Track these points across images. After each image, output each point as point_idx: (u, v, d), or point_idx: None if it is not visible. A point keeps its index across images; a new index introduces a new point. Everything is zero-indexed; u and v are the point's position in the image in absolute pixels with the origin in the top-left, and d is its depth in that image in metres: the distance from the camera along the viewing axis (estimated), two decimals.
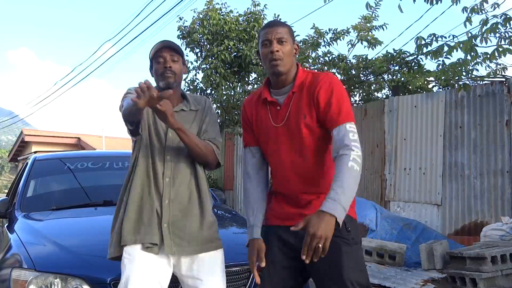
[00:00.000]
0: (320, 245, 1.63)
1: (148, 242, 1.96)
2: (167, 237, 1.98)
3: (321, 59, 8.36)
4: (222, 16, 10.46)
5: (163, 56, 2.07)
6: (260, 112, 2.01)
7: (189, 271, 2.02)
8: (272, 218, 2.00)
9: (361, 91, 9.47)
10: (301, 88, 1.93)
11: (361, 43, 8.40)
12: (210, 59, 10.25)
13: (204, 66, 10.46)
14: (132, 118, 1.95)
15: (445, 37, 5.33)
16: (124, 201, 2.06)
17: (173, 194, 2.04)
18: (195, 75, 10.92)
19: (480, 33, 4.64)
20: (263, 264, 1.89)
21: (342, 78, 8.14)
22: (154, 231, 1.98)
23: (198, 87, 10.69)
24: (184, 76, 10.96)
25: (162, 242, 1.98)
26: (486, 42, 4.71)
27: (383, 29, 8.31)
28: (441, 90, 7.35)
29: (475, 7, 4.77)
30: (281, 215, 1.96)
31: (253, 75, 10.55)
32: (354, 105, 8.37)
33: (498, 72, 6.41)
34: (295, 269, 1.92)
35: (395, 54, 7.71)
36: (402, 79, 7.87)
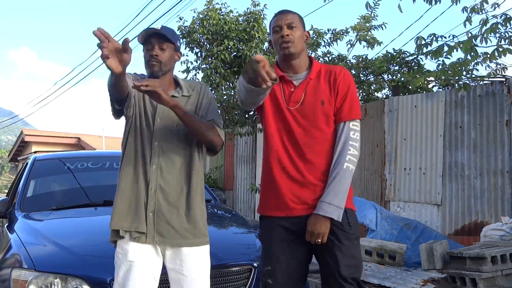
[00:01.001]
0: (319, 240, 1.89)
1: (135, 231, 1.95)
2: (151, 226, 1.96)
3: (321, 59, 8.36)
4: (222, 16, 10.46)
5: (151, 42, 2.02)
6: (273, 88, 2.00)
7: (172, 263, 2.00)
8: (273, 210, 2.00)
9: (361, 91, 9.47)
10: (318, 76, 1.99)
11: (360, 43, 8.41)
12: (210, 59, 10.24)
13: (204, 66, 10.46)
14: (115, 91, 1.88)
15: (445, 37, 5.33)
16: (117, 188, 2.05)
17: (160, 182, 1.99)
18: (195, 75, 10.93)
19: (480, 33, 4.64)
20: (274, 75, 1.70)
21: None
22: (141, 220, 1.96)
23: None
24: (184, 75, 10.94)
25: None
26: (486, 42, 4.71)
27: (382, 29, 8.31)
28: (441, 90, 7.35)
29: (475, 7, 4.77)
30: (282, 206, 1.97)
31: None
32: None
33: (498, 72, 6.40)
34: (302, 256, 1.99)
35: (395, 54, 7.70)
36: (402, 79, 7.87)
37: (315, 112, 1.94)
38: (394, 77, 8.45)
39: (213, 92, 10.36)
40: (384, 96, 9.52)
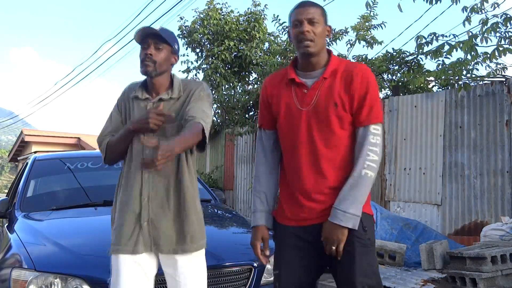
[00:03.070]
0: (333, 248, 1.77)
1: (129, 253, 1.95)
2: (146, 235, 1.95)
3: None
4: (222, 16, 10.47)
5: (147, 42, 1.99)
6: (283, 93, 1.92)
7: (167, 268, 2.01)
8: (286, 219, 1.92)
9: None
10: (333, 75, 1.86)
11: (359, 43, 8.40)
12: (210, 59, 10.25)
13: (205, 66, 10.47)
14: (119, 147, 2.00)
15: (446, 36, 5.33)
16: (114, 202, 2.07)
17: (152, 190, 1.97)
18: (196, 75, 10.94)
19: (480, 32, 4.64)
20: (267, 253, 1.94)
21: None
22: (137, 239, 1.96)
23: None
24: (184, 75, 10.94)
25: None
26: (487, 42, 4.71)
27: (382, 28, 8.30)
28: (441, 90, 7.35)
29: (475, 6, 4.77)
30: (294, 217, 1.90)
31: (254, 75, 10.56)
32: None
33: (498, 72, 6.39)
34: (311, 265, 1.90)
35: (395, 53, 7.71)
36: (402, 79, 7.87)
37: (328, 114, 1.82)
38: (394, 77, 8.45)
39: (213, 92, 10.36)
40: (384, 96, 9.51)
